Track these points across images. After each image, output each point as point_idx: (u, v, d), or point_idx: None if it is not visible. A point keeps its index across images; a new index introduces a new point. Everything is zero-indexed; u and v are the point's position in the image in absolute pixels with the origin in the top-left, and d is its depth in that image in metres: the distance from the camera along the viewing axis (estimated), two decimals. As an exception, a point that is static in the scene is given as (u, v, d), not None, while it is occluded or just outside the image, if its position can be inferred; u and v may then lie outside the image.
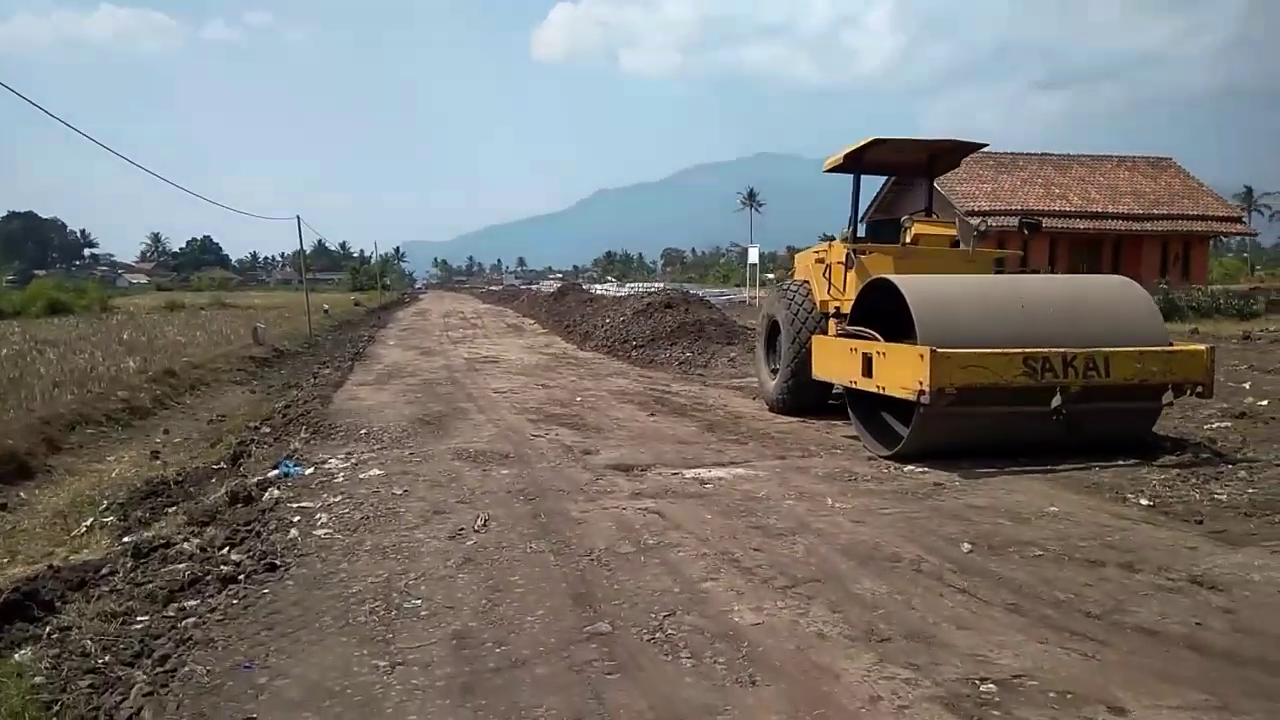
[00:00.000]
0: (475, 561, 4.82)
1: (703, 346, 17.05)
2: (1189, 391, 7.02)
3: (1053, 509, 5.66)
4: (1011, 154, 30.83)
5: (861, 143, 9.08)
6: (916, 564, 4.59)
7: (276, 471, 7.25)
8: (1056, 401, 6.72)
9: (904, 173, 10.53)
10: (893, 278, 7.47)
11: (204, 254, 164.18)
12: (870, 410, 8.17)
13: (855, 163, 9.51)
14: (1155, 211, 29.20)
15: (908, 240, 9.03)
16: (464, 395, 12.24)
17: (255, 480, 7.08)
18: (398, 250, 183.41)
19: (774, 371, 10.49)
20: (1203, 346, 7.17)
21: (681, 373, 15.38)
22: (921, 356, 6.63)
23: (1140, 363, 6.87)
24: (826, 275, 9.60)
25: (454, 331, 28.76)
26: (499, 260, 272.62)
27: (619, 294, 42.65)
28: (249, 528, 6.03)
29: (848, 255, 9.23)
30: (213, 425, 12.91)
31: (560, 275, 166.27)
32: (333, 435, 9.32)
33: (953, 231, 9.26)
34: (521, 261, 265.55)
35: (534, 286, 78.39)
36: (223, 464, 9.43)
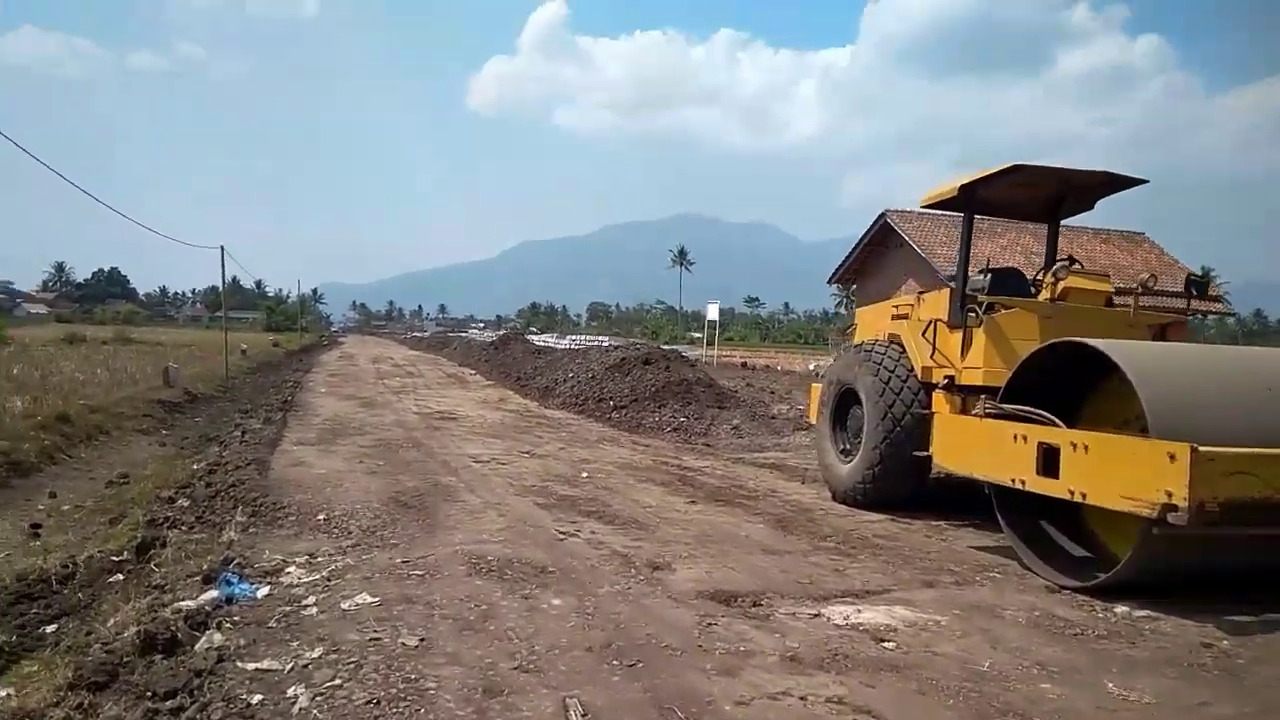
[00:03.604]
0: (625, 843, 2.57)
1: (697, 411, 14.94)
2: None
3: None
4: (986, 221, 29.68)
5: (995, 169, 7.17)
6: None
7: (214, 594, 4.84)
8: (1334, 523, 4.78)
9: (1023, 214, 8.74)
10: (1096, 343, 5.50)
11: (111, 286, 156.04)
12: (1015, 512, 6.20)
13: (969, 198, 7.62)
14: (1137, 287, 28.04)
15: (1055, 295, 7.13)
16: (439, 464, 9.86)
17: (181, 608, 4.65)
18: (315, 291, 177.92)
19: (844, 453, 8.42)
20: None
21: (682, 441, 13.23)
22: (1172, 456, 4.65)
23: None
24: (928, 336, 7.63)
25: (390, 380, 26.11)
26: (420, 306, 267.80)
27: (562, 345, 40.53)
28: (175, 707, 3.66)
29: (961, 311, 7.32)
30: (114, 489, 10.22)
31: (483, 324, 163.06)
32: (281, 520, 6.93)
33: (1109, 288, 7.40)
34: (443, 309, 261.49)
35: (463, 335, 75.70)
36: (126, 555, 6.90)
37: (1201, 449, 4.59)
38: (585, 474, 9.49)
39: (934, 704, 3.59)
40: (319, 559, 5.72)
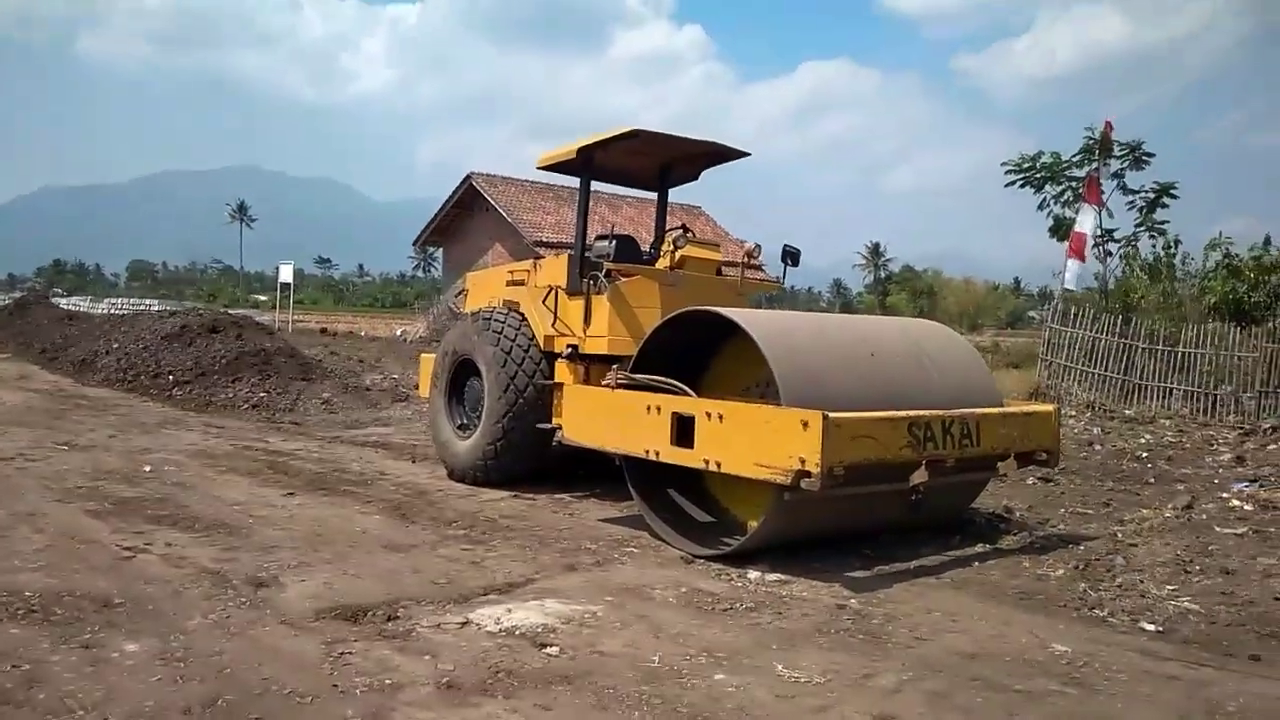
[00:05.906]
0: None
1: (280, 384, 13.44)
2: (1036, 461, 6.06)
3: (1063, 649, 4.08)
4: (570, 189, 30.43)
5: (613, 133, 6.98)
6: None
7: None
8: (921, 477, 5.23)
9: (636, 180, 8.67)
10: (727, 311, 5.51)
11: None
12: (644, 482, 6.14)
13: (587, 162, 7.40)
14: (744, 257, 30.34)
15: (673, 263, 7.13)
16: (-63, 467, 7.68)
17: None
18: None
19: (462, 428, 7.86)
20: (1050, 407, 6.29)
21: (265, 420, 11.79)
22: (805, 424, 4.74)
23: (1005, 428, 5.73)
24: (549, 303, 7.31)
25: None
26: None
27: (100, 310, 35.22)
28: None
29: (580, 279, 7.10)
30: None
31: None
32: None
33: (719, 256, 7.58)
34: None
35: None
36: None
37: (831, 416, 4.73)
38: (148, 467, 7.94)
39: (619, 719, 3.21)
40: None
